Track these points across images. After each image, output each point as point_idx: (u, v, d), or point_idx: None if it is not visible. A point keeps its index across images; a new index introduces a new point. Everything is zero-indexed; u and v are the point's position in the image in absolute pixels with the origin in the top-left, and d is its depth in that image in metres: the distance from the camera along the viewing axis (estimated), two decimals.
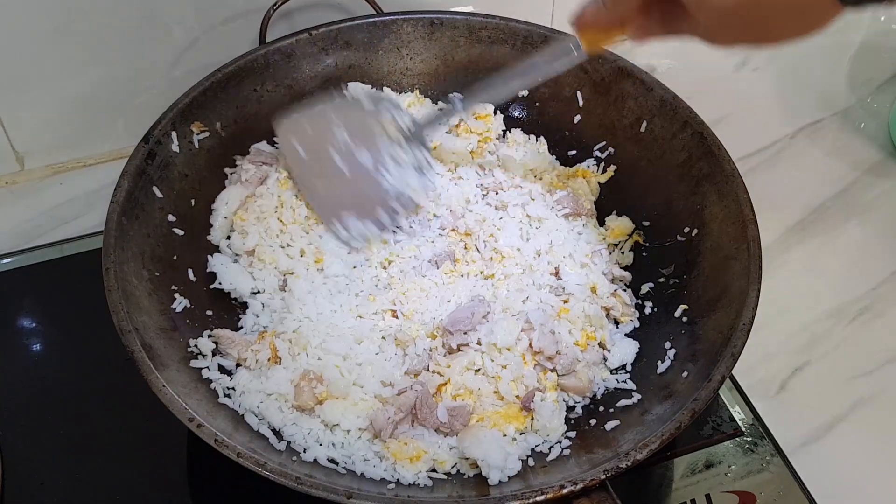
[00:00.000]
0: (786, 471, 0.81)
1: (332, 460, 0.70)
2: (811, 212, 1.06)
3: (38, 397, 0.83)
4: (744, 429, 0.84)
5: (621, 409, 0.75)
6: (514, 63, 0.78)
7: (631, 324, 0.84)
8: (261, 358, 0.76)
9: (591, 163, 0.96)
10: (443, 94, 1.00)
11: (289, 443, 0.71)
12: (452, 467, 0.72)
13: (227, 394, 0.73)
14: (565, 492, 0.61)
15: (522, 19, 0.95)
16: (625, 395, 0.77)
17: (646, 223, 0.90)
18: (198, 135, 0.85)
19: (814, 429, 0.86)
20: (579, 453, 0.71)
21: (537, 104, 0.99)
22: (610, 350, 0.81)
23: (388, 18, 0.96)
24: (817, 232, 1.04)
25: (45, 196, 1.03)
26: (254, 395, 0.73)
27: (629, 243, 0.90)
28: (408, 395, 0.73)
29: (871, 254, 1.02)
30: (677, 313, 0.80)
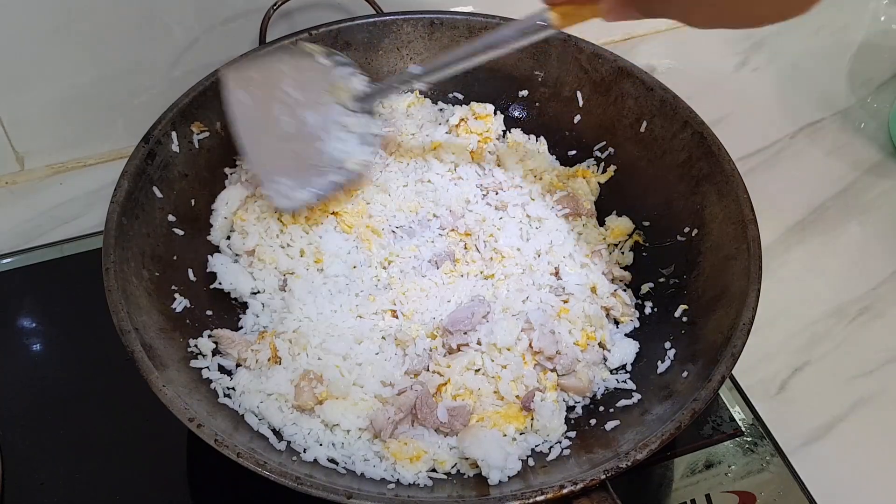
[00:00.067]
0: (786, 471, 0.81)
1: (332, 460, 0.70)
2: (811, 212, 1.06)
3: (38, 397, 0.83)
4: (744, 429, 0.84)
5: (621, 409, 0.75)
6: (482, 37, 0.76)
7: (631, 324, 0.84)
8: (261, 358, 0.76)
9: (591, 163, 0.96)
10: (443, 94, 1.00)
11: (289, 443, 0.71)
12: (452, 467, 0.72)
13: (227, 394, 0.73)
14: (565, 492, 0.61)
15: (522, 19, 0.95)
16: (625, 395, 0.77)
17: (646, 223, 0.90)
18: (198, 135, 0.85)
19: (814, 429, 0.86)
20: (579, 453, 0.71)
21: (537, 104, 0.99)
22: (610, 350, 0.81)
23: (388, 18, 0.96)
24: (817, 232, 1.04)
25: (45, 196, 1.03)
26: (254, 395, 0.73)
27: (629, 243, 0.90)
28: (408, 395, 0.73)
29: (871, 254, 1.02)
30: (677, 313, 0.80)
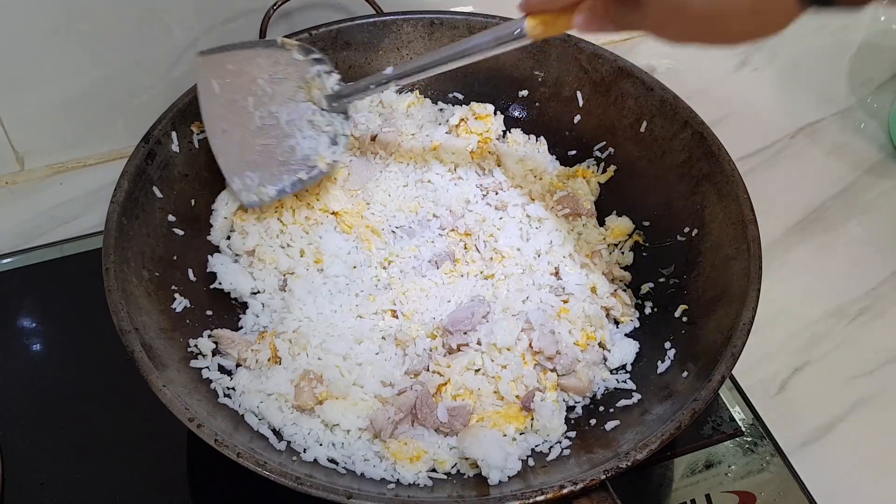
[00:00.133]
0: (786, 471, 0.81)
1: (332, 460, 0.70)
2: (811, 212, 1.06)
3: (38, 397, 0.83)
4: (744, 429, 0.84)
5: (621, 409, 0.75)
6: (458, 43, 0.76)
7: (631, 324, 0.84)
8: (261, 358, 0.76)
9: (591, 163, 0.96)
10: (443, 94, 1.00)
11: (289, 443, 0.71)
12: (452, 467, 0.72)
13: (227, 394, 0.73)
14: (565, 492, 0.61)
15: None
16: (625, 395, 0.77)
17: (646, 223, 0.90)
18: (198, 135, 0.85)
19: (814, 429, 0.86)
20: (579, 453, 0.71)
21: (537, 104, 0.99)
22: (610, 350, 0.81)
23: (388, 18, 0.96)
24: (817, 232, 1.04)
25: (45, 196, 1.03)
26: (254, 395, 0.73)
27: (629, 243, 0.90)
28: (408, 395, 0.73)
29: (871, 254, 1.02)
30: (677, 313, 0.80)
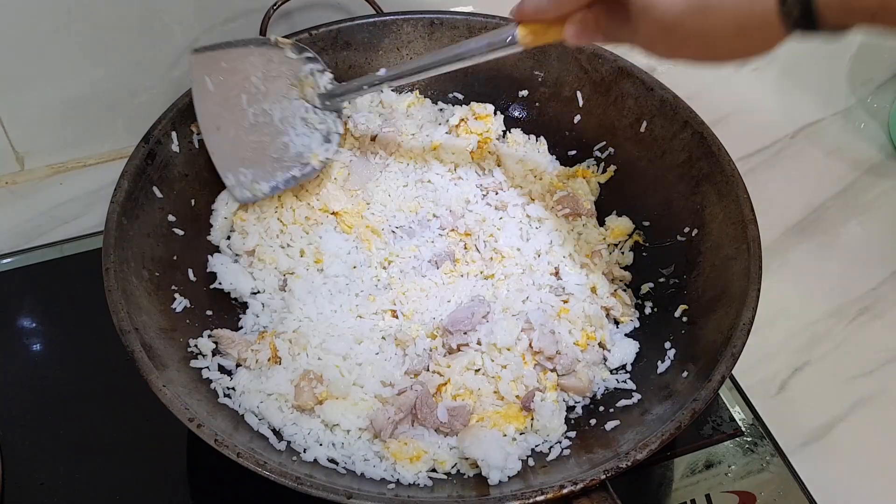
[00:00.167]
0: (786, 471, 0.81)
1: (332, 460, 0.70)
2: (811, 212, 1.06)
3: (38, 397, 0.83)
4: (744, 429, 0.84)
5: (621, 409, 0.75)
6: (451, 47, 0.76)
7: (631, 324, 0.84)
8: (261, 358, 0.76)
9: (591, 163, 0.95)
10: (443, 94, 1.00)
11: (289, 443, 0.71)
12: (452, 467, 0.72)
13: (227, 394, 0.73)
14: (565, 492, 0.61)
15: None
16: (625, 395, 0.77)
17: (646, 223, 0.90)
18: (198, 135, 0.85)
19: (814, 429, 0.86)
20: (579, 453, 0.71)
21: (537, 104, 0.98)
22: (610, 350, 0.81)
23: (388, 18, 0.96)
24: (817, 232, 1.04)
25: (45, 196, 1.03)
26: (254, 395, 0.73)
27: (629, 243, 0.90)
28: (408, 395, 0.73)
29: (871, 254, 1.02)
30: (677, 313, 0.80)
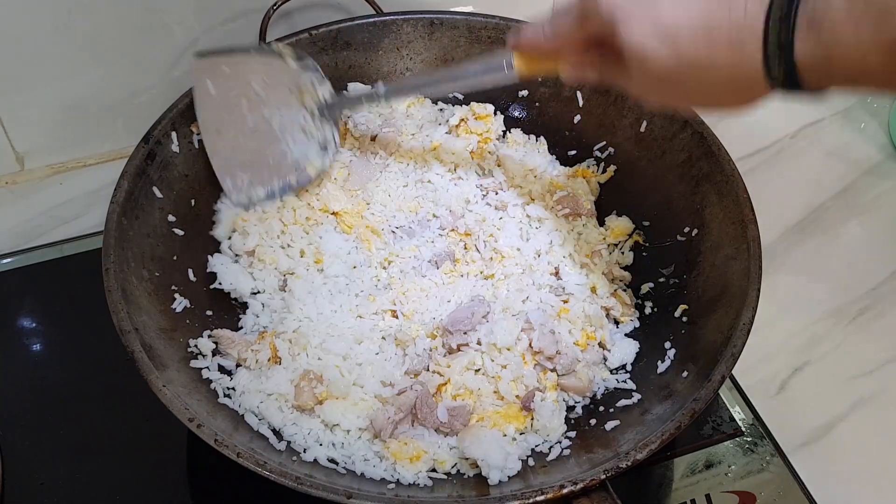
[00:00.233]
0: (786, 471, 0.81)
1: (332, 460, 0.70)
2: (811, 212, 1.06)
3: (38, 397, 0.83)
4: (744, 429, 0.84)
5: (621, 408, 0.75)
6: (450, 68, 0.78)
7: (631, 324, 0.84)
8: (261, 358, 0.76)
9: (591, 163, 0.95)
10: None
11: (289, 443, 0.71)
12: (452, 467, 0.72)
13: (227, 394, 0.73)
14: (565, 492, 0.61)
15: (522, 19, 0.95)
16: (625, 394, 0.77)
17: (646, 223, 0.90)
18: (198, 135, 0.85)
19: (814, 429, 0.86)
20: (579, 453, 0.71)
21: (537, 104, 0.98)
22: (610, 350, 0.81)
23: (388, 18, 0.96)
24: (817, 232, 1.04)
25: (45, 196, 1.03)
26: (254, 395, 0.73)
27: (629, 243, 0.90)
28: (408, 395, 0.73)
29: (871, 254, 1.02)
30: (677, 313, 0.80)
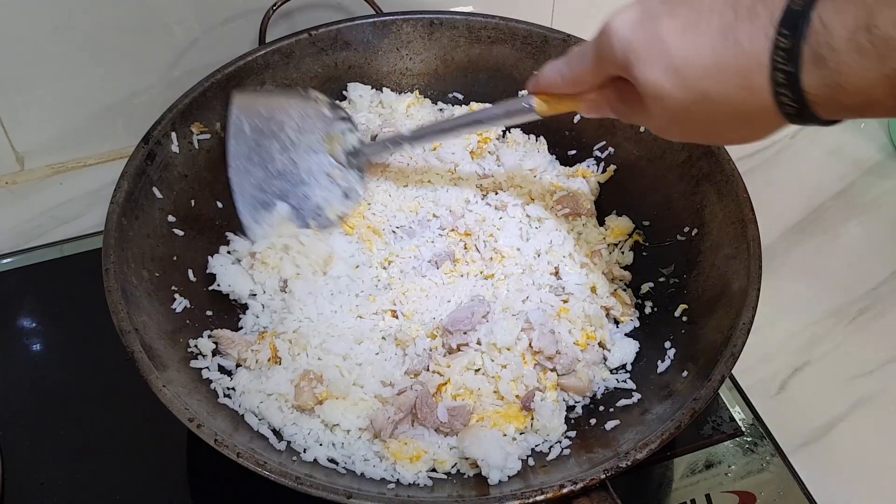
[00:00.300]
0: (786, 471, 0.81)
1: (332, 460, 0.70)
2: (811, 212, 1.06)
3: (38, 397, 0.83)
4: (744, 429, 0.84)
5: (621, 408, 0.75)
6: (473, 113, 0.81)
7: (631, 323, 0.84)
8: (261, 358, 0.76)
9: (591, 162, 0.95)
10: (442, 94, 1.00)
11: (289, 443, 0.71)
12: (452, 467, 0.72)
13: (227, 394, 0.73)
14: (565, 491, 0.61)
15: (522, 19, 0.95)
16: (625, 394, 0.77)
17: (646, 223, 0.90)
18: (198, 135, 0.85)
19: (814, 429, 0.86)
20: (579, 453, 0.71)
21: None
22: (610, 350, 0.81)
23: (387, 18, 0.96)
24: (817, 232, 1.04)
25: (45, 196, 1.03)
26: (254, 395, 0.73)
27: (629, 243, 0.90)
28: (408, 395, 0.73)
29: (871, 254, 1.02)
30: (677, 313, 0.80)
